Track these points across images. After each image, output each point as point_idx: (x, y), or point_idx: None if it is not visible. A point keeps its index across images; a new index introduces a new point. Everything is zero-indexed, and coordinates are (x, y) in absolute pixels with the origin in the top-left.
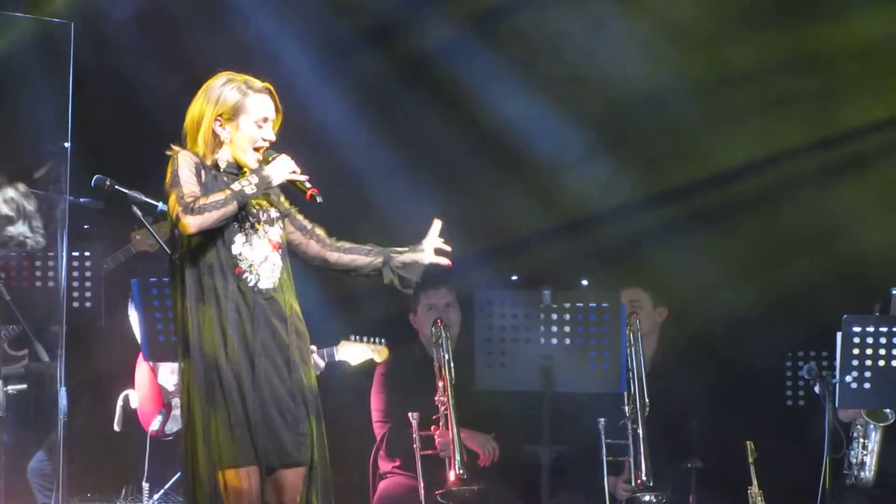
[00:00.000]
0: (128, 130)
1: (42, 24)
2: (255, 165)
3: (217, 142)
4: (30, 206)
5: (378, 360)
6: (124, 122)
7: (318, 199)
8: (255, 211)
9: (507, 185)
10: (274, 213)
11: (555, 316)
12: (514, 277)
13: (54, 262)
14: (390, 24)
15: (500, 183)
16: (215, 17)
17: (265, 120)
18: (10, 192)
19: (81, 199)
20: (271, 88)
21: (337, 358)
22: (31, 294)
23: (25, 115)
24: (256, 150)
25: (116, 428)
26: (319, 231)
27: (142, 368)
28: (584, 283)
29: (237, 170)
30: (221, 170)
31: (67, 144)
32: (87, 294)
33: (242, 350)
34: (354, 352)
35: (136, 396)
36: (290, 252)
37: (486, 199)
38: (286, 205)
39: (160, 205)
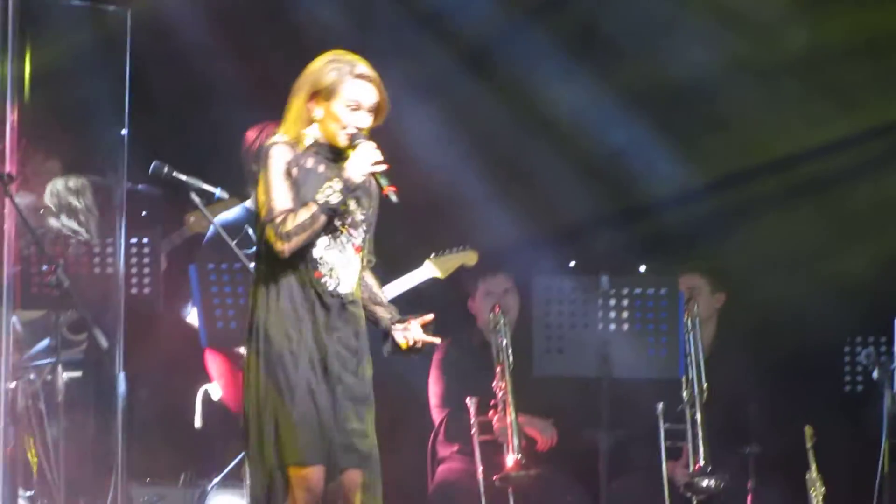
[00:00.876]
0: (185, 117)
1: (98, 11)
2: (344, 143)
3: (308, 119)
4: (76, 201)
5: (469, 263)
6: (182, 109)
7: (394, 199)
8: (340, 212)
9: (566, 171)
10: (359, 216)
11: (613, 302)
12: (572, 263)
13: (112, 248)
14: (446, 11)
15: (558, 169)
16: (272, 2)
17: (358, 107)
18: (58, 185)
19: (139, 186)
20: (375, 78)
21: (428, 274)
22: (90, 280)
23: (83, 103)
24: (349, 136)
25: (197, 425)
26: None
27: (215, 360)
28: (642, 268)
29: (329, 152)
30: (314, 150)
31: (125, 132)
32: (146, 280)
33: (315, 351)
34: (444, 264)
35: (218, 388)
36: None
37: (544, 185)
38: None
39: (217, 191)
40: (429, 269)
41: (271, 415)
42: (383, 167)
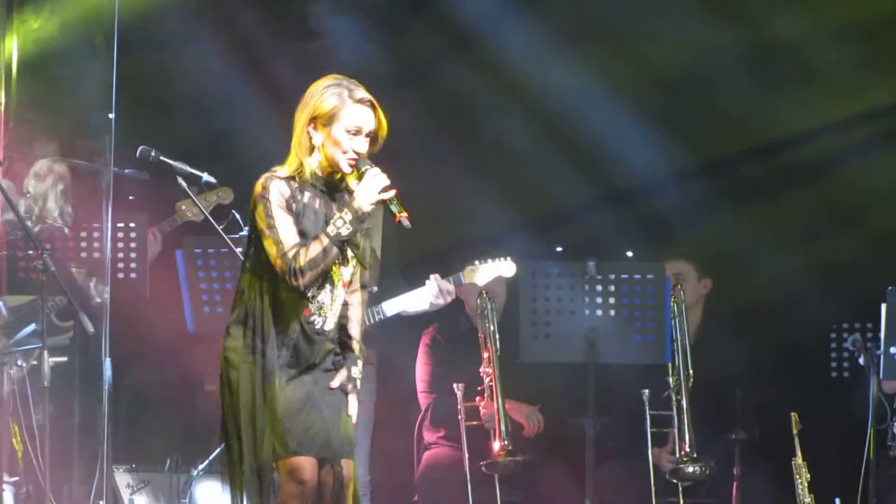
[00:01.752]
0: (173, 102)
1: None
2: (347, 170)
3: (309, 145)
4: (33, 187)
5: (507, 275)
6: (169, 93)
7: (406, 225)
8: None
9: (552, 157)
10: (349, 253)
11: (599, 287)
12: (559, 249)
13: (99, 233)
14: None
15: (544, 154)
16: None
17: (358, 132)
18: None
19: (126, 171)
20: (374, 102)
21: (465, 281)
22: (77, 265)
23: (70, 87)
24: (349, 161)
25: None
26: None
27: None
28: (629, 254)
29: (324, 185)
30: (310, 183)
31: (112, 116)
32: (132, 265)
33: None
34: (482, 273)
35: None
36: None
37: (530, 171)
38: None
39: (204, 175)
40: (467, 277)
41: (259, 410)
42: (392, 193)
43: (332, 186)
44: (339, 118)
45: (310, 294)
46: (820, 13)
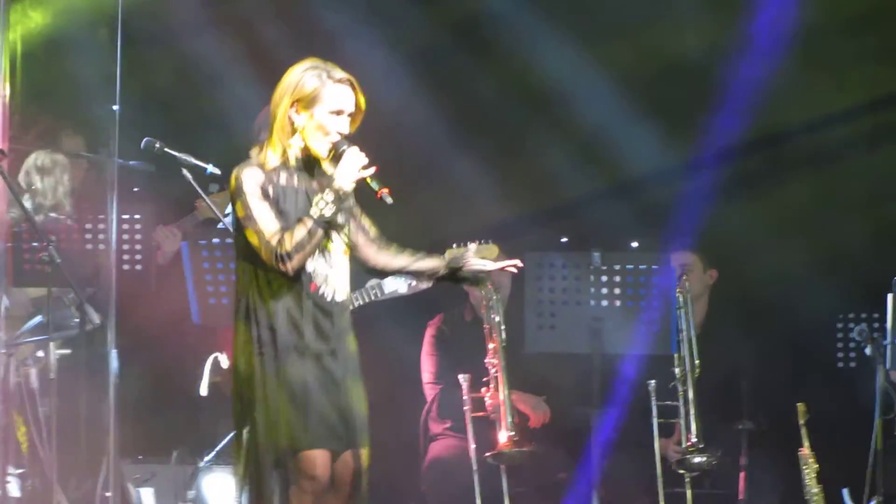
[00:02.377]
0: (177, 93)
1: None
2: (323, 155)
3: (291, 129)
4: (39, 181)
5: (490, 257)
6: (173, 84)
7: (389, 200)
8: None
9: (557, 147)
10: (341, 219)
11: (605, 278)
12: (564, 239)
13: (104, 224)
14: None
15: (549, 144)
16: None
17: (340, 112)
18: (29, 162)
19: (131, 162)
20: (353, 81)
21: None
22: (82, 257)
23: (74, 78)
24: (331, 143)
25: (203, 393)
26: (375, 233)
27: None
28: (634, 244)
29: (304, 166)
30: (292, 165)
31: (116, 107)
32: (137, 257)
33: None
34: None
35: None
36: (352, 259)
37: (535, 161)
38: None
39: (209, 167)
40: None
41: (273, 405)
42: (371, 170)
43: (310, 164)
44: (321, 99)
45: (309, 269)
46: (828, 4)
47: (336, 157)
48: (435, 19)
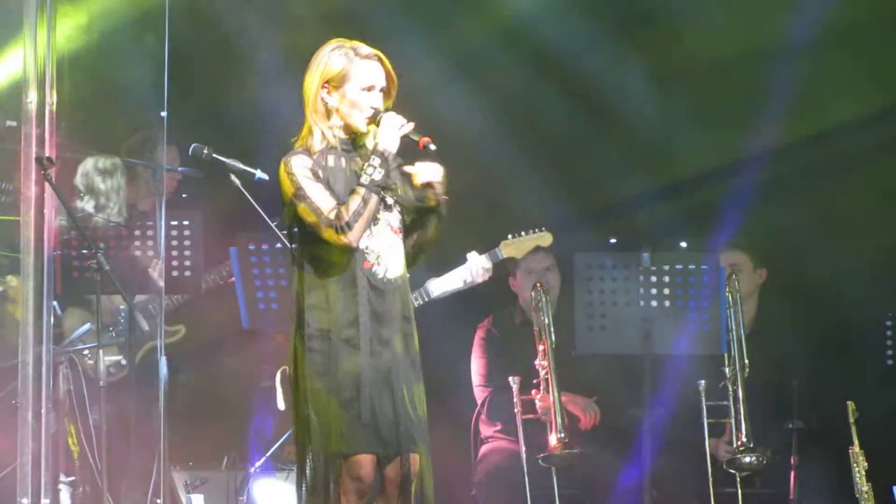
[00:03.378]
0: (224, 99)
1: None
2: (364, 128)
3: (326, 110)
4: (102, 183)
5: (544, 244)
6: (222, 90)
7: (432, 147)
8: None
9: (606, 148)
10: (390, 199)
11: (654, 278)
12: (613, 240)
13: (153, 231)
14: None
15: (598, 145)
16: None
17: (371, 88)
18: (88, 165)
19: (179, 168)
20: (381, 56)
21: (503, 256)
22: (131, 263)
23: (123, 86)
24: (368, 119)
25: (281, 407)
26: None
27: None
28: (683, 244)
29: (350, 145)
30: (335, 147)
31: (164, 114)
32: (186, 263)
33: (371, 337)
34: (518, 246)
35: None
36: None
37: (584, 162)
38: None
39: (258, 173)
40: (505, 251)
41: (323, 404)
42: (411, 126)
43: (354, 145)
44: (351, 77)
45: (362, 246)
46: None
47: (377, 125)
48: (483, 23)
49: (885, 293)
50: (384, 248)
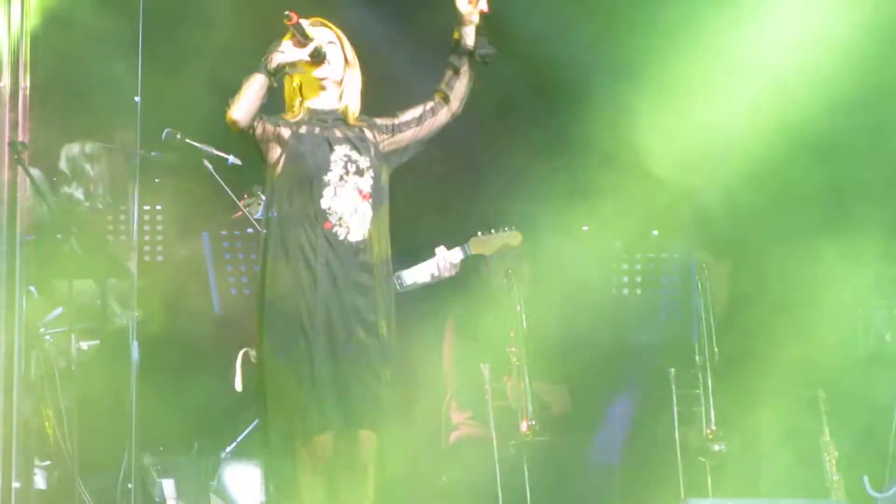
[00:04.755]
0: (198, 84)
1: None
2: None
3: (293, 92)
4: (91, 168)
5: (513, 243)
6: (194, 76)
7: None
8: (342, 162)
9: (577, 136)
10: (364, 163)
11: (626, 266)
12: (586, 227)
13: (126, 216)
14: None
15: (568, 133)
16: None
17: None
18: (74, 150)
19: (152, 153)
20: (324, 22)
21: (471, 252)
22: (103, 248)
23: (96, 70)
24: (320, 85)
25: (238, 388)
26: (421, 107)
27: None
28: (655, 233)
29: (324, 115)
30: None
31: (138, 99)
32: (159, 248)
33: (325, 310)
34: (487, 243)
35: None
36: (430, 143)
37: (557, 150)
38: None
39: (231, 158)
40: (474, 248)
41: (278, 386)
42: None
43: (328, 116)
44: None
45: (324, 206)
46: None
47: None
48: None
49: (857, 282)
50: (347, 212)
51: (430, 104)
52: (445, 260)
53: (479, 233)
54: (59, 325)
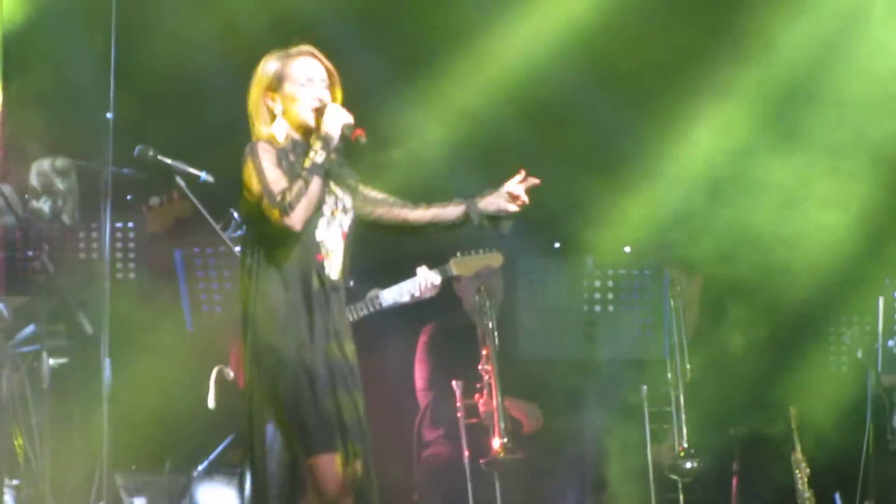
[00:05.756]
0: (171, 101)
1: None
2: (312, 121)
3: (270, 116)
4: (61, 183)
5: (495, 265)
6: (167, 91)
7: (363, 140)
8: (332, 198)
9: (552, 153)
10: (348, 203)
11: (598, 283)
12: (557, 244)
13: (98, 233)
14: None
15: (542, 151)
16: None
17: (310, 80)
18: (44, 165)
19: (124, 170)
20: (313, 50)
21: (453, 272)
22: (75, 265)
23: (67, 86)
24: (315, 110)
25: (210, 405)
26: (392, 197)
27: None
28: (627, 249)
29: (305, 146)
30: (292, 147)
31: (110, 115)
32: (131, 265)
33: (320, 337)
34: (468, 264)
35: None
36: (373, 226)
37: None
38: (353, 183)
39: (203, 174)
40: (455, 268)
41: (285, 408)
42: (351, 119)
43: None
44: (286, 76)
45: (318, 238)
46: None
47: (319, 114)
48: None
49: (828, 299)
50: (334, 247)
51: (392, 198)
52: (427, 280)
53: (459, 253)
54: (31, 344)
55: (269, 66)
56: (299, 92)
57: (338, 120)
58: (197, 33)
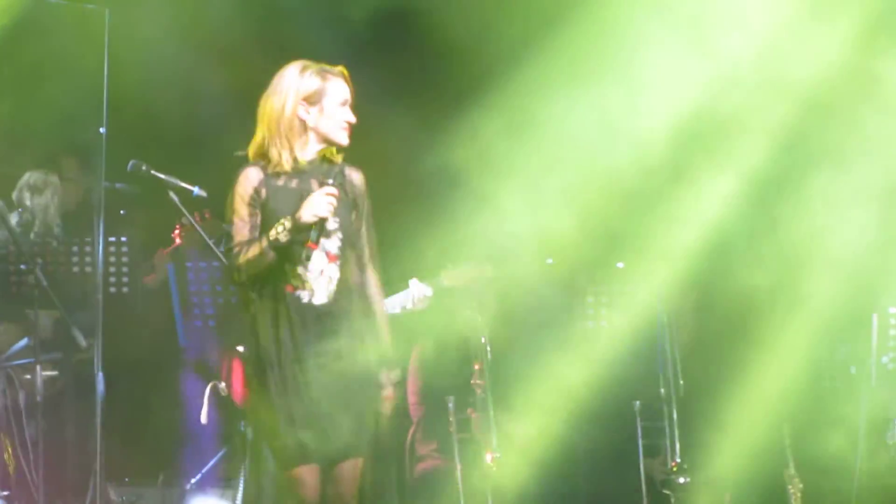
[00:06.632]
0: (163, 116)
1: (77, 9)
2: (345, 141)
3: (303, 127)
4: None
5: (486, 276)
6: (159, 107)
7: (309, 255)
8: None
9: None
10: (332, 225)
11: (591, 298)
12: (550, 260)
13: (91, 247)
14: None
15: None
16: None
17: (346, 102)
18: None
19: (117, 185)
20: (345, 73)
21: (444, 284)
22: (68, 279)
23: (60, 101)
24: (343, 129)
25: (203, 420)
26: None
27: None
28: (620, 265)
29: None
30: (300, 165)
31: (103, 130)
32: (124, 279)
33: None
34: (459, 275)
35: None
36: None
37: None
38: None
39: (196, 189)
40: (447, 280)
41: (263, 420)
42: (327, 214)
43: (317, 166)
44: (327, 93)
45: (287, 268)
46: None
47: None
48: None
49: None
50: (314, 274)
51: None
52: (419, 292)
53: (451, 265)
54: (24, 357)
55: (310, 78)
56: (336, 111)
57: (315, 210)
58: (190, 47)
